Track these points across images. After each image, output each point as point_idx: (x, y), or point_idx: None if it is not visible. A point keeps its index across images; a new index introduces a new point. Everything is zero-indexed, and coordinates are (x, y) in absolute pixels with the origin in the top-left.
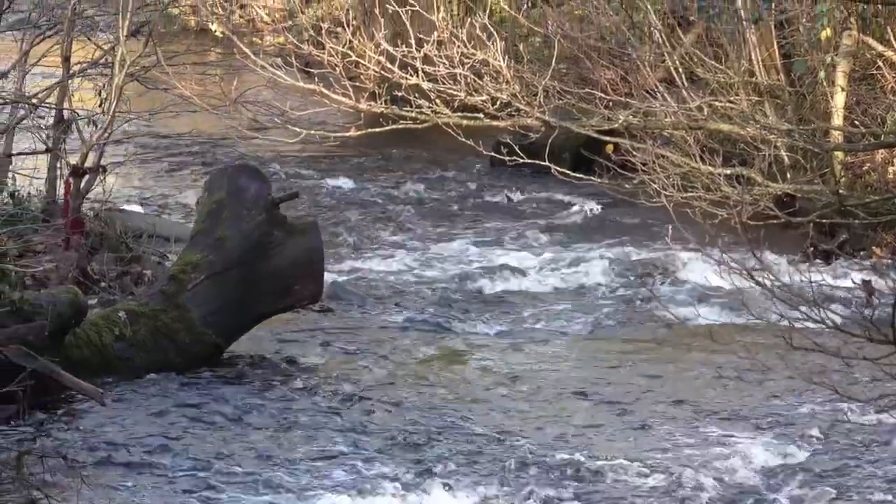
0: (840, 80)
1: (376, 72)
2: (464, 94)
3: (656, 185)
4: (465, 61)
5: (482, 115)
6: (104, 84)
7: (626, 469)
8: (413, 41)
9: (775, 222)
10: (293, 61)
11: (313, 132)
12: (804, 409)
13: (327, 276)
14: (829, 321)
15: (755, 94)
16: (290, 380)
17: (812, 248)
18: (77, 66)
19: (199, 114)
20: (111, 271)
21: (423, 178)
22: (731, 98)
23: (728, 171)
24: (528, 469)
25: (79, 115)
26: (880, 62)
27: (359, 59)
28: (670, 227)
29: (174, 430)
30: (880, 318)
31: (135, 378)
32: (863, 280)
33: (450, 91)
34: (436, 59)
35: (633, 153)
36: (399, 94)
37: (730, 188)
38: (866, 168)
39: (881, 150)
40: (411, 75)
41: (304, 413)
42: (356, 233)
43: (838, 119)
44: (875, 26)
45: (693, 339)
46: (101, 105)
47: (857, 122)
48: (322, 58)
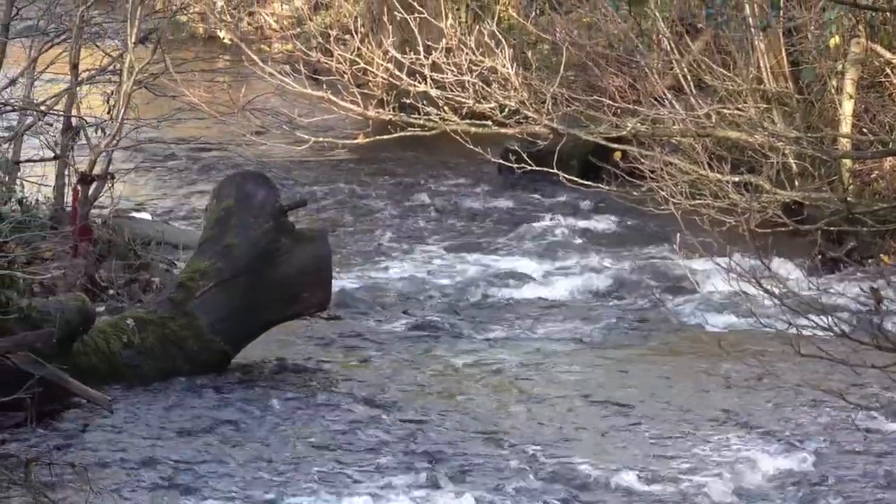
0: (848, 87)
1: (384, 79)
2: (472, 101)
3: (664, 193)
4: (474, 68)
5: (490, 123)
6: (112, 91)
7: (634, 477)
8: (421, 48)
9: (783, 230)
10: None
11: (321, 139)
12: (812, 417)
13: (335, 284)
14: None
15: (763, 102)
16: (297, 387)
17: (820, 256)
18: (85, 73)
19: (207, 121)
20: (119, 278)
21: (431, 186)
22: (740, 105)
23: (736, 179)
24: (536, 476)
25: (87, 123)
26: (889, 70)
27: (367, 67)
28: (678, 235)
29: (182, 437)
30: (888, 325)
31: (143, 385)
32: (871, 288)
33: (458, 98)
34: (444, 66)
35: (642, 160)
36: (407, 101)
37: (738, 196)
38: (874, 176)
39: (889, 158)
40: (419, 82)
41: (312, 420)
42: (364, 240)
43: (846, 127)
44: (883, 34)
45: (701, 346)
46: (109, 112)
47: (865, 130)
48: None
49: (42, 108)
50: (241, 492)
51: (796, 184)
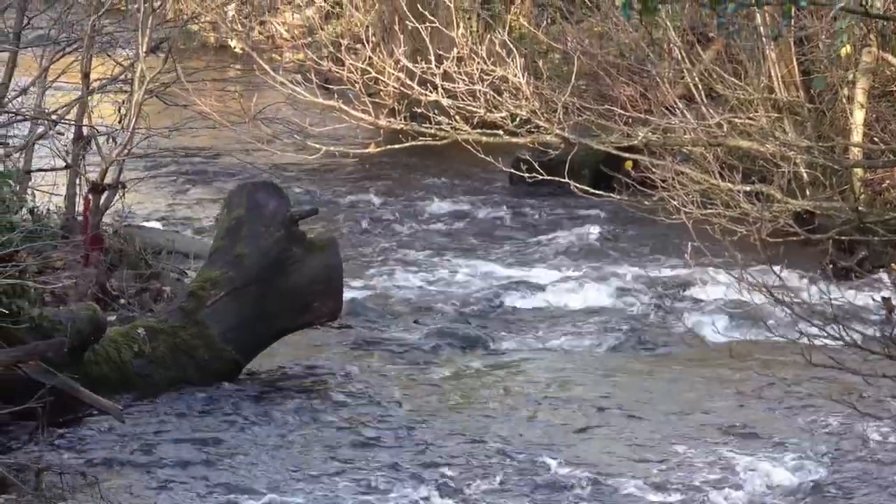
0: (859, 96)
1: (396, 88)
2: (483, 110)
3: (676, 202)
4: (485, 78)
5: (502, 132)
6: (123, 100)
7: (645, 485)
8: (432, 58)
9: (795, 239)
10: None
11: (332, 148)
12: (823, 427)
13: (346, 293)
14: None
15: (774, 111)
16: (309, 396)
17: (831, 265)
18: (96, 83)
19: (218, 130)
20: (130, 288)
21: (442, 195)
22: (751, 115)
23: (748, 188)
24: (546, 485)
25: (98, 132)
26: None
27: (378, 76)
28: (690, 244)
29: (193, 446)
30: None
31: (154, 395)
32: (883, 297)
33: (469, 107)
34: (455, 75)
35: (653, 170)
36: (418, 110)
37: (749, 205)
38: (886, 185)
39: None
40: (431, 92)
41: (323, 430)
42: (375, 250)
43: (858, 136)
44: (894, 43)
45: (712, 355)
46: (120, 121)
47: (876, 139)
48: (341, 74)
49: (53, 117)
50: (252, 500)
51: (807, 193)
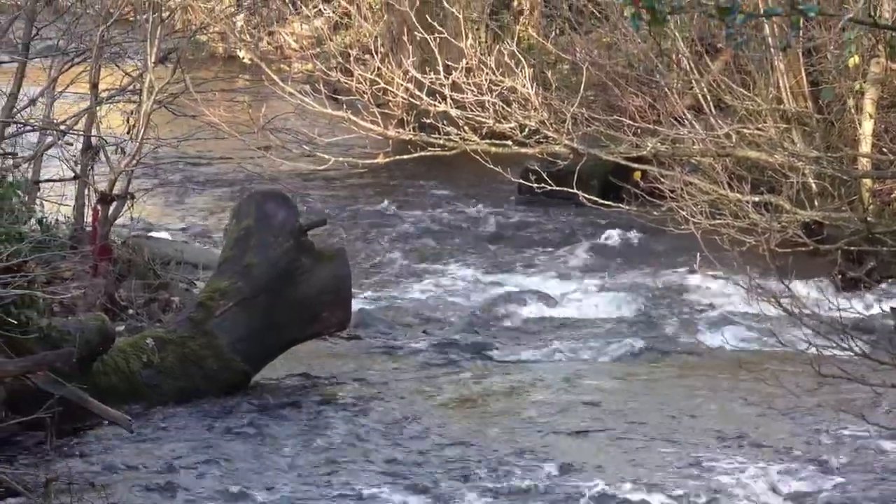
0: (868, 107)
1: (404, 99)
2: (492, 121)
3: (684, 213)
4: (494, 88)
5: (510, 142)
6: (132, 111)
7: (652, 494)
8: (441, 68)
9: (803, 249)
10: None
11: (341, 159)
12: (832, 437)
13: (355, 303)
14: (857, 349)
15: (783, 122)
16: (317, 406)
17: (840, 276)
18: (105, 93)
19: (226, 140)
20: (139, 298)
21: (450, 205)
22: (759, 125)
23: (756, 199)
24: (553, 493)
25: (107, 142)
26: None
27: (387, 86)
28: (698, 254)
29: (201, 456)
30: None
31: (162, 405)
32: (892, 308)
33: (478, 118)
34: (464, 86)
35: (662, 180)
36: (427, 121)
37: (758, 215)
38: (894, 195)
39: None
40: (439, 102)
41: (332, 440)
42: (384, 260)
43: (866, 146)
44: None
45: (721, 365)
46: (129, 132)
47: (885, 150)
48: (350, 85)
49: (62, 127)
50: None
51: (816, 203)
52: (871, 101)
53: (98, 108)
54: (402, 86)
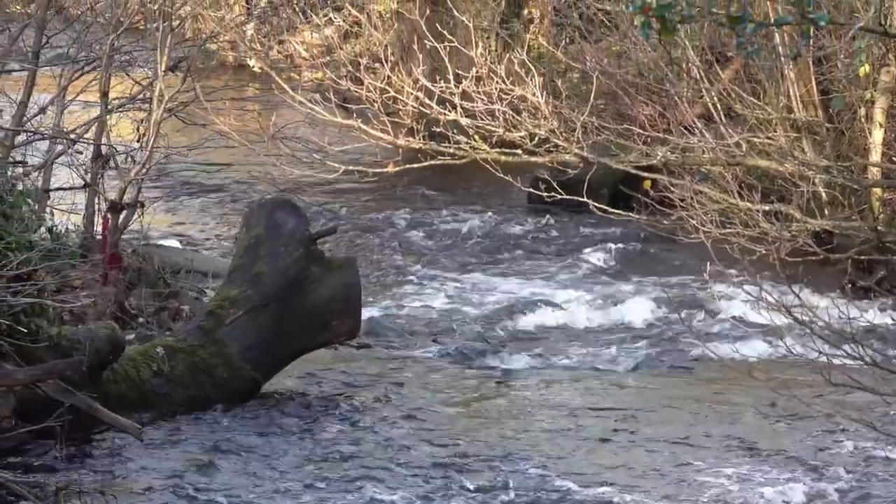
0: (878, 116)
1: (414, 107)
2: (502, 129)
3: (694, 222)
4: (504, 97)
5: (520, 151)
6: (142, 119)
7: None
8: (451, 77)
9: (814, 258)
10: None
11: (351, 168)
12: (842, 447)
13: (365, 312)
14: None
15: (793, 131)
16: (327, 415)
17: (850, 285)
18: (115, 102)
19: (237, 149)
20: (149, 306)
21: (460, 214)
22: (770, 134)
23: (766, 208)
24: (563, 502)
25: (117, 151)
26: None
27: (397, 95)
28: (708, 264)
29: (212, 465)
30: None
31: (172, 414)
32: None
33: (488, 127)
34: (474, 94)
35: (671, 189)
36: (437, 129)
37: (768, 224)
38: None
39: None
40: (449, 111)
41: (342, 449)
42: (394, 268)
43: (877, 155)
44: None
45: (731, 375)
46: (139, 140)
47: (895, 159)
48: (360, 93)
49: (72, 136)
50: None
51: (826, 213)
52: (882, 110)
53: (108, 116)
54: (412, 94)
